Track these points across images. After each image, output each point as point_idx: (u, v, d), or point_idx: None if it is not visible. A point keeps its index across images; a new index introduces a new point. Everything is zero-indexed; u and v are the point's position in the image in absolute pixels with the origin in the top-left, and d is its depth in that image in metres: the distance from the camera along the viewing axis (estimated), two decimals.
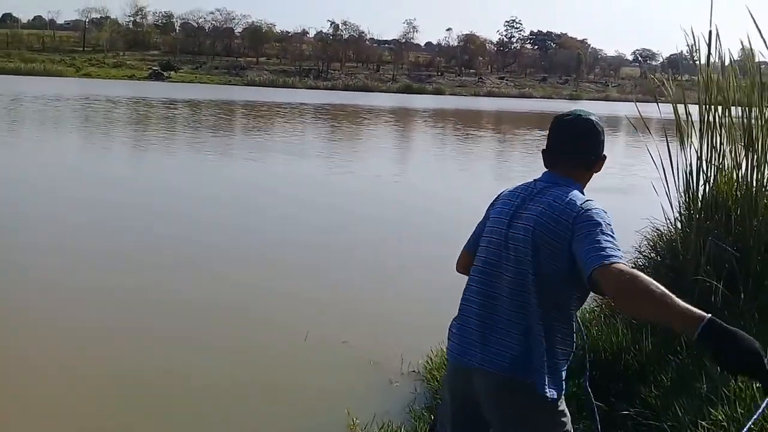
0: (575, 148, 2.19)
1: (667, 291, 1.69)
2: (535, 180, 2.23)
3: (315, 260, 7.34)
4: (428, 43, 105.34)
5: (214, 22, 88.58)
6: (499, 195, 2.31)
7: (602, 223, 1.95)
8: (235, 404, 4.15)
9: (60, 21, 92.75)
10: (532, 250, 2.04)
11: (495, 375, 2.06)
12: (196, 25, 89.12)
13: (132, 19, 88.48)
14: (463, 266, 2.36)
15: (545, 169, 2.25)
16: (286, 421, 3.99)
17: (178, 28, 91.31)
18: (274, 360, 4.80)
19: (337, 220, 9.57)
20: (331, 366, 4.71)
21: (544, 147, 2.25)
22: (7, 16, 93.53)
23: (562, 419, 2.10)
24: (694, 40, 4.56)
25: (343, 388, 4.33)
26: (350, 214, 9.98)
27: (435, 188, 12.89)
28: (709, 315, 1.63)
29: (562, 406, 2.10)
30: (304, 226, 9.02)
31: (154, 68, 70.62)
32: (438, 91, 74.30)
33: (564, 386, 2.09)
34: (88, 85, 48.23)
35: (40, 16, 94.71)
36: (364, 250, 7.98)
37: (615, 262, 1.79)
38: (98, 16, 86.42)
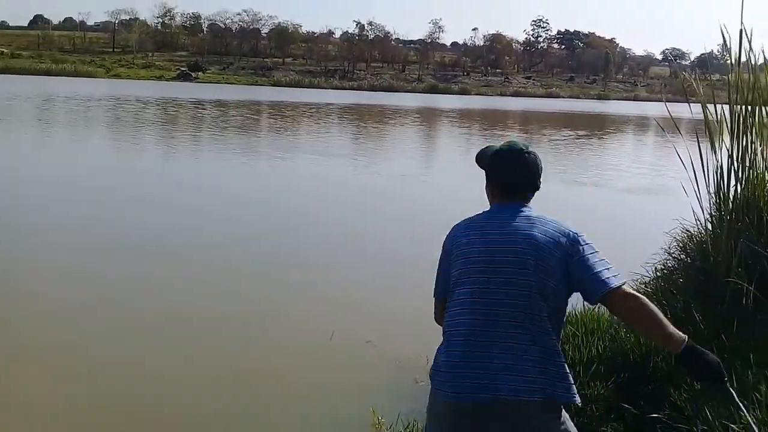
0: (530, 180, 2.37)
1: (661, 314, 2.16)
2: (493, 211, 2.36)
3: (338, 259, 7.37)
4: (454, 43, 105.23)
5: (240, 23, 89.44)
6: (453, 234, 2.37)
7: (593, 246, 2.23)
8: (257, 402, 4.18)
9: (90, 22, 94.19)
10: (533, 269, 2.15)
11: (513, 401, 2.04)
12: (223, 26, 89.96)
13: (160, 20, 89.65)
14: (442, 316, 2.35)
15: (496, 200, 2.39)
16: (311, 420, 4.00)
17: (205, 29, 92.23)
18: (299, 359, 4.82)
19: (362, 219, 9.59)
20: (355, 365, 4.72)
21: (498, 180, 2.38)
22: (39, 18, 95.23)
23: (570, 424, 2.21)
24: (725, 39, 4.50)
25: (368, 388, 4.33)
26: (375, 213, 9.99)
27: (463, 188, 12.83)
28: (687, 337, 2.13)
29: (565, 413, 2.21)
30: (327, 225, 9.04)
31: (182, 69, 71.37)
32: (464, 91, 74.10)
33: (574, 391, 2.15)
34: (117, 86, 48.90)
35: (70, 18, 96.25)
36: (387, 249, 7.98)
37: (622, 285, 2.16)
38: (127, 17, 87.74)
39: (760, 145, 4.30)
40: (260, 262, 7.15)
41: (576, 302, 4.48)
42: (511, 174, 2.37)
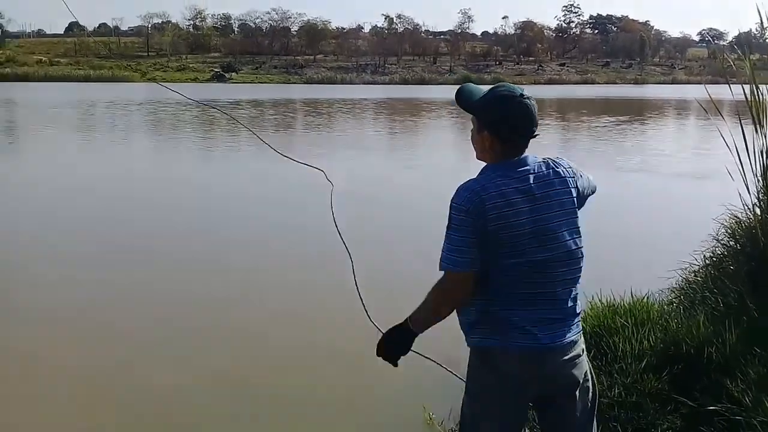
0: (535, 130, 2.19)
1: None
2: (520, 175, 2.18)
3: (380, 258, 7.38)
4: (484, 33, 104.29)
5: (270, 22, 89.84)
6: (477, 197, 2.20)
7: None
8: (310, 400, 4.22)
9: (123, 27, 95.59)
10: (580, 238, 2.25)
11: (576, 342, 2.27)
12: (254, 26, 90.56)
13: (192, 22, 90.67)
14: (470, 291, 2.26)
15: (506, 156, 2.23)
16: (364, 419, 4.03)
17: (236, 29, 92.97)
18: (352, 358, 4.85)
19: (420, 218, 9.61)
20: (405, 363, 4.72)
21: (517, 132, 2.16)
22: (74, 24, 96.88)
23: None
24: (761, 18, 4.40)
25: (419, 385, 4.33)
26: (427, 211, 9.96)
27: None
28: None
29: None
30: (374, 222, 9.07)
31: (216, 70, 72.03)
32: (497, 81, 73.15)
33: None
34: (155, 89, 49.51)
35: (104, 23, 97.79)
36: (428, 249, 7.94)
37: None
38: (159, 21, 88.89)
39: None
40: (307, 258, 7.24)
41: (624, 293, 4.45)
42: (528, 127, 2.14)
